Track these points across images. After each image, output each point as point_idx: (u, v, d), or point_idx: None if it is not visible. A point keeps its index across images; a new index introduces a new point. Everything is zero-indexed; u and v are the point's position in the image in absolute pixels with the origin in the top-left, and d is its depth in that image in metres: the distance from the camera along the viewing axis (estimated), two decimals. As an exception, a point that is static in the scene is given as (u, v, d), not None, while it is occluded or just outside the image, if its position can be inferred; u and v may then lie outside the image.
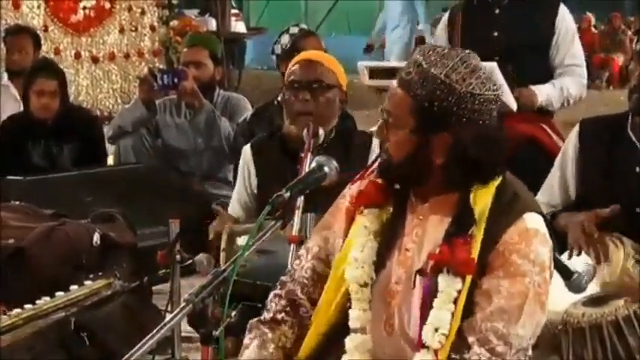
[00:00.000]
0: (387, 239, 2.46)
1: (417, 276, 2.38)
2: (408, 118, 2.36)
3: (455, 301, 2.32)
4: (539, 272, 2.34)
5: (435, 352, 2.32)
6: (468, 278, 2.32)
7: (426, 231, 2.43)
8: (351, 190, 2.57)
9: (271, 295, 2.59)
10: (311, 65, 3.66)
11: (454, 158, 2.37)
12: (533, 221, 2.37)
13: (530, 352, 2.35)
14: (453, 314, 2.31)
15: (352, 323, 2.44)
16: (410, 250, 2.44)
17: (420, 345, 2.34)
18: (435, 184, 2.41)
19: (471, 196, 2.37)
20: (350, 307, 2.45)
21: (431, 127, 2.36)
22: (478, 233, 2.33)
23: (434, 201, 2.42)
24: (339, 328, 2.46)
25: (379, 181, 2.48)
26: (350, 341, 2.43)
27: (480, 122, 2.36)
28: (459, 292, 2.32)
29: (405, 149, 2.39)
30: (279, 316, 2.55)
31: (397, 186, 2.45)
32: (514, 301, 2.32)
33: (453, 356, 2.33)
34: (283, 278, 2.60)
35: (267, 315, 2.56)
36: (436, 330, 2.32)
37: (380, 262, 2.45)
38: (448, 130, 2.35)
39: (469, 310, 2.33)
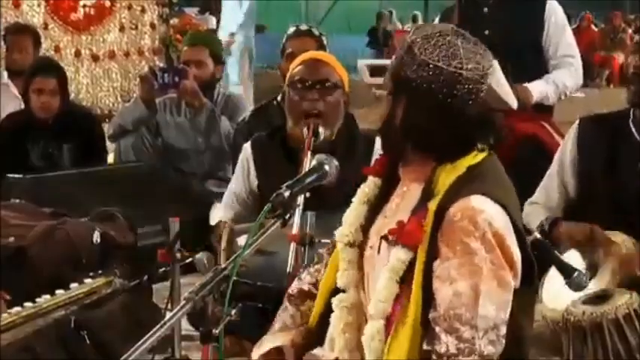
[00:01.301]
0: (374, 207, 2.51)
1: (382, 243, 2.40)
2: (390, 83, 2.43)
3: (405, 274, 2.33)
4: (490, 250, 2.30)
5: (386, 321, 2.33)
6: (421, 253, 2.32)
7: (403, 200, 2.46)
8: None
9: (311, 268, 2.67)
10: (317, 65, 3.65)
11: (409, 125, 2.40)
12: (480, 202, 2.33)
13: (503, 331, 2.30)
14: (400, 285, 2.32)
15: (339, 282, 2.48)
16: (387, 217, 2.47)
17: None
18: (409, 152, 2.44)
19: (438, 170, 2.38)
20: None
21: (397, 90, 2.41)
22: (432, 207, 2.34)
23: (412, 173, 2.45)
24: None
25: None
26: (335, 300, 2.47)
27: (440, 95, 2.37)
28: (406, 264, 2.32)
29: (385, 112, 2.45)
30: (306, 288, 2.62)
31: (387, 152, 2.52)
32: (468, 282, 2.29)
33: (425, 347, 2.32)
34: (321, 251, 2.68)
35: (295, 287, 2.64)
36: (380, 300, 2.33)
37: (366, 226, 2.50)
38: (407, 94, 2.39)
39: (430, 292, 2.32)
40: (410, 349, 2.31)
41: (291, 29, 5.08)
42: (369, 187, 2.52)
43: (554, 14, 4.73)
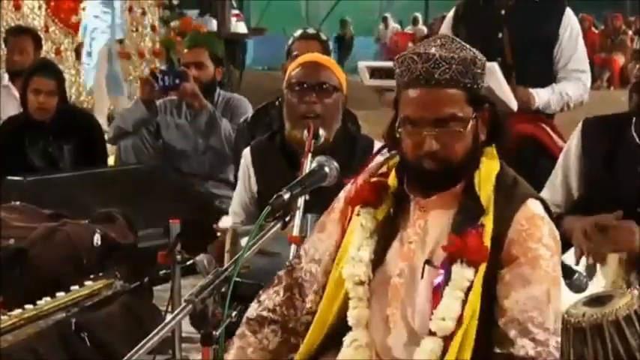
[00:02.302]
0: (385, 237, 2.48)
1: (426, 267, 2.40)
2: (467, 109, 2.40)
3: (467, 290, 2.34)
4: (552, 255, 2.40)
5: (445, 339, 2.34)
6: (482, 267, 2.35)
7: (428, 223, 2.45)
8: (346, 192, 2.59)
9: (269, 290, 2.60)
10: (315, 67, 3.64)
11: (493, 127, 2.46)
12: (535, 206, 2.43)
13: (559, 337, 2.39)
14: (463, 302, 2.33)
15: (351, 321, 2.45)
16: (413, 242, 2.45)
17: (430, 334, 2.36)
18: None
19: (476, 183, 2.41)
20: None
21: (478, 107, 2.43)
22: (488, 222, 2.37)
23: (438, 197, 2.44)
24: (340, 329, 2.48)
25: (374, 180, 2.51)
26: (348, 337, 2.45)
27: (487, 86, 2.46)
28: (471, 281, 2.34)
29: (468, 143, 2.42)
30: (265, 314, 2.57)
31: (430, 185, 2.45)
32: (541, 286, 2.36)
33: (499, 351, 2.36)
34: (280, 274, 2.61)
35: (255, 311, 2.58)
36: (444, 318, 2.34)
37: (378, 260, 2.47)
38: (485, 100, 2.44)
39: (488, 303, 2.36)
40: None
41: (299, 32, 5.09)
42: (365, 219, 2.49)
43: (570, 27, 4.71)
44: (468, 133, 2.40)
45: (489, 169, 2.45)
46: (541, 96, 4.63)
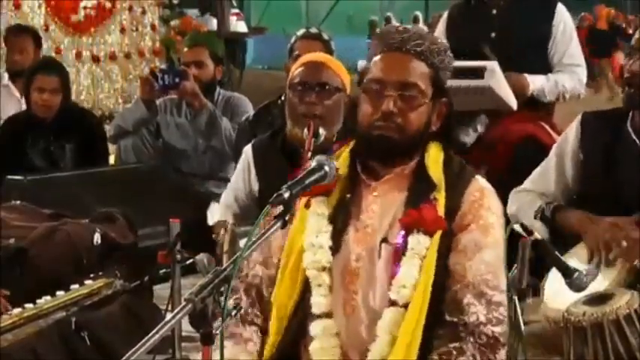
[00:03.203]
0: (340, 224, 2.52)
1: (383, 246, 2.46)
2: (429, 88, 2.52)
3: (423, 258, 2.42)
4: (501, 225, 2.53)
5: (405, 307, 2.40)
6: (437, 236, 2.44)
7: (382, 206, 2.51)
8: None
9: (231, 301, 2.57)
10: (317, 67, 3.64)
11: (445, 122, 2.57)
12: (484, 181, 2.57)
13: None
14: (420, 269, 2.41)
15: (316, 309, 2.48)
16: (369, 226, 2.51)
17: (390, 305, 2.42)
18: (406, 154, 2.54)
19: (426, 164, 2.53)
20: (310, 295, 2.48)
21: (438, 93, 2.55)
22: (440, 197, 2.48)
23: (388, 177, 2.53)
24: (301, 319, 2.50)
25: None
26: (315, 327, 2.47)
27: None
28: (427, 248, 2.42)
29: (422, 120, 2.52)
30: (249, 318, 2.60)
31: (377, 162, 2.54)
32: (493, 251, 2.47)
33: (449, 318, 2.43)
34: (234, 284, 2.61)
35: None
36: (403, 286, 2.40)
37: (335, 246, 2.51)
38: (446, 95, 2.56)
39: (443, 273, 2.44)
40: (417, 330, 2.39)
41: (301, 31, 5.09)
42: (319, 206, 2.53)
43: (563, 22, 4.72)
44: (424, 108, 2.51)
45: (436, 153, 2.56)
46: (535, 82, 4.64)
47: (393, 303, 2.42)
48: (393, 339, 2.40)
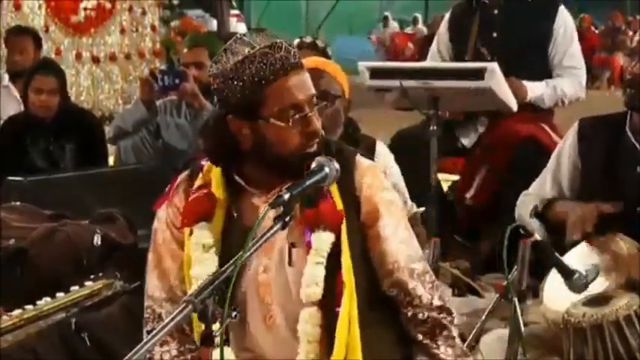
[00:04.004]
0: (233, 244, 2.45)
1: (293, 250, 2.44)
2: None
3: (329, 255, 2.41)
4: (394, 193, 2.58)
5: (320, 305, 2.39)
6: (343, 228, 2.43)
7: (277, 211, 2.43)
8: (162, 221, 2.59)
9: (158, 349, 2.57)
10: (317, 75, 3.59)
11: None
12: (365, 160, 2.57)
13: None
14: (328, 268, 2.40)
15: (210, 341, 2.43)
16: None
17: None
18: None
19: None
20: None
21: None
22: (333, 189, 2.45)
23: (281, 185, 2.41)
24: None
25: (198, 195, 2.50)
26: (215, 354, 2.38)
27: None
28: (331, 244, 2.41)
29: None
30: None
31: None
32: (400, 226, 2.53)
33: (405, 310, 2.52)
34: (149, 328, 2.62)
35: None
36: (310, 285, 2.39)
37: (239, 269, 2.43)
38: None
39: (365, 263, 2.47)
40: (352, 327, 2.41)
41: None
42: (201, 235, 2.47)
43: (564, 24, 4.73)
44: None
45: None
46: (534, 89, 4.64)
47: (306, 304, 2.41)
48: (314, 339, 2.40)
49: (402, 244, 2.52)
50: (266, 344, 2.49)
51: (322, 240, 2.42)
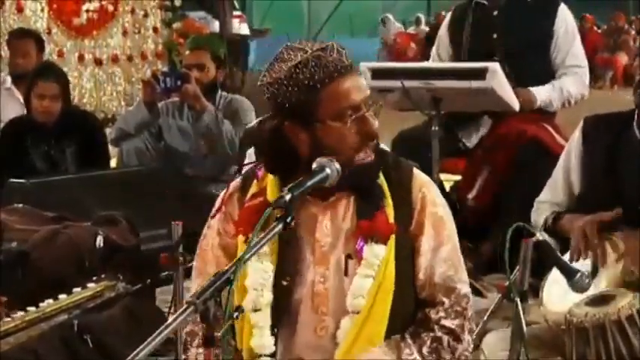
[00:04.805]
0: (289, 252, 2.48)
1: (349, 262, 2.46)
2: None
3: (377, 267, 2.43)
4: (447, 213, 2.57)
5: (363, 317, 2.41)
6: (391, 242, 2.45)
7: (333, 220, 2.50)
8: (215, 224, 2.61)
9: (192, 350, 2.58)
10: None
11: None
12: (422, 174, 2.58)
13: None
14: (375, 278, 2.42)
15: (257, 351, 2.46)
16: (325, 244, 2.49)
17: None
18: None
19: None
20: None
21: None
22: (387, 201, 2.48)
23: (338, 194, 2.49)
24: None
25: (253, 203, 2.50)
26: None
27: None
28: (381, 258, 2.43)
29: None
30: None
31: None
32: (449, 245, 2.52)
33: (420, 316, 2.52)
34: (192, 329, 2.60)
35: None
36: (357, 296, 2.42)
37: (294, 277, 2.47)
38: None
39: (405, 276, 2.47)
40: (376, 337, 2.43)
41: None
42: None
43: (565, 24, 4.72)
44: None
45: None
46: (542, 94, 4.64)
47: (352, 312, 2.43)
48: (347, 345, 2.42)
49: (442, 262, 2.52)
50: (312, 355, 2.49)
51: (374, 253, 2.44)
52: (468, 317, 2.56)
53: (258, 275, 2.46)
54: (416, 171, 2.58)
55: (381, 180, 2.51)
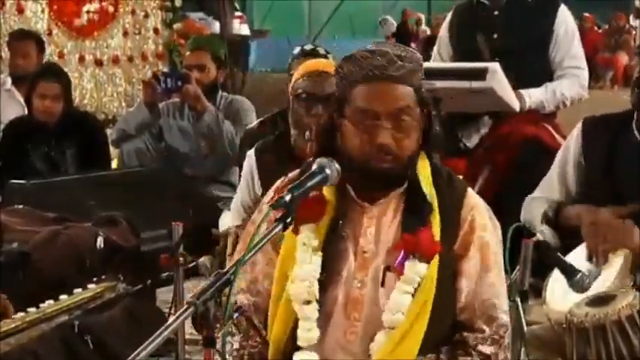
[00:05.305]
0: (335, 250, 2.48)
1: (387, 274, 2.45)
2: (416, 108, 2.47)
3: (417, 285, 2.41)
4: (496, 239, 2.55)
5: (400, 334, 2.39)
6: (435, 261, 2.42)
7: (378, 229, 2.49)
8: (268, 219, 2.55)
9: (245, 342, 2.56)
10: (321, 78, 3.59)
11: (427, 131, 2.52)
12: (475, 195, 2.57)
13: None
14: (414, 296, 2.40)
15: (300, 342, 2.45)
16: (368, 251, 2.48)
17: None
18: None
19: (421, 182, 2.49)
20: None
21: (422, 109, 2.50)
22: (435, 218, 2.45)
23: (384, 199, 2.50)
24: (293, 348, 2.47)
25: (311, 196, 2.46)
26: (296, 356, 2.44)
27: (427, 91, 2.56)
28: (422, 276, 2.41)
29: (415, 142, 2.49)
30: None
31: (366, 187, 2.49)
32: (494, 271, 2.50)
33: (457, 338, 2.49)
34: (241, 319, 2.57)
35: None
36: (394, 312, 2.40)
37: (332, 276, 2.47)
38: (427, 105, 2.50)
39: (445, 297, 2.45)
40: (414, 350, 2.40)
41: (296, 50, 5.06)
42: (307, 236, 2.47)
43: (565, 24, 4.71)
44: (415, 130, 2.47)
45: (424, 165, 2.53)
46: (533, 96, 4.63)
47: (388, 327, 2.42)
48: None
49: (487, 288, 2.50)
50: (340, 355, 2.47)
51: (415, 270, 2.42)
52: (504, 346, 2.52)
53: (310, 267, 2.45)
54: (470, 191, 2.56)
55: (432, 195, 2.49)
